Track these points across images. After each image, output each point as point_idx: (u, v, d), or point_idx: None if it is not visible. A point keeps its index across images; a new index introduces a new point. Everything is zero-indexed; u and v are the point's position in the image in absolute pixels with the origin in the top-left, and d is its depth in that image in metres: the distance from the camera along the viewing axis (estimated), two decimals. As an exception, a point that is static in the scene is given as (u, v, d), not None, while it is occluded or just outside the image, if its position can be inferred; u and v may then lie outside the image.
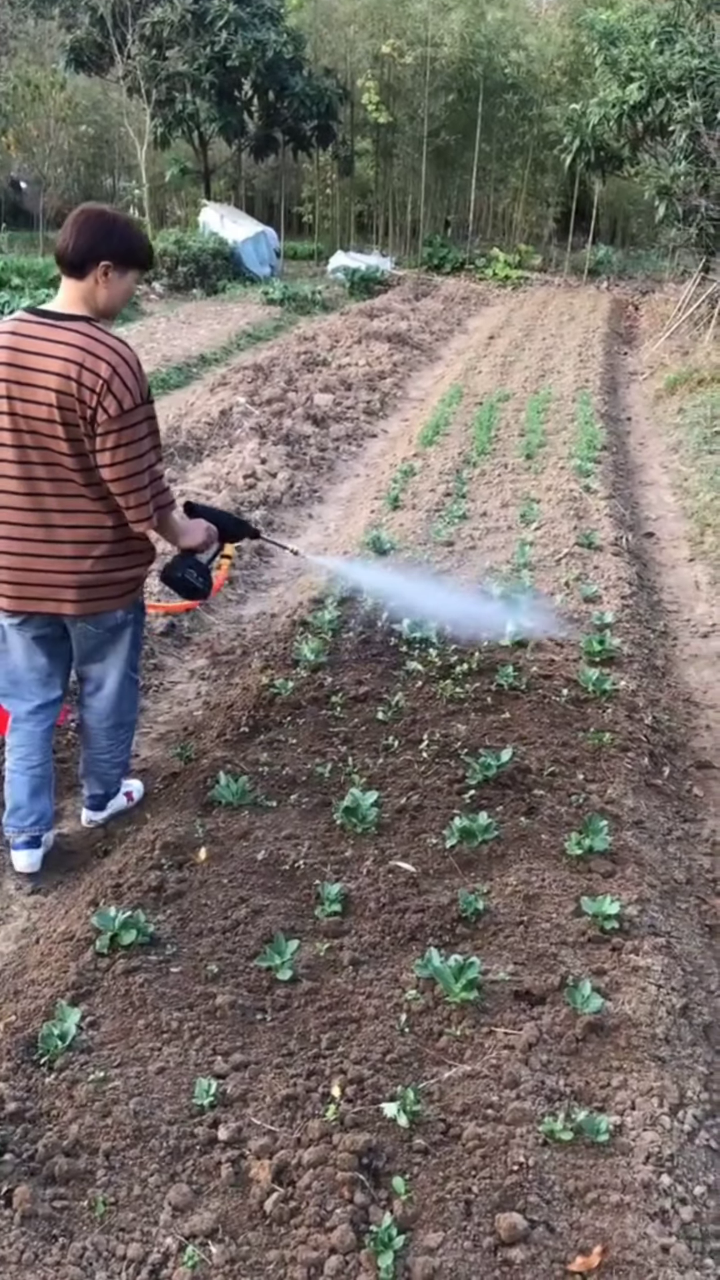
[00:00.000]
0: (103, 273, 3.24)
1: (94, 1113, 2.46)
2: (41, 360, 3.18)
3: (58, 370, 3.16)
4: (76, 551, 3.38)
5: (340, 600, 5.46)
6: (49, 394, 3.18)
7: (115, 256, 3.23)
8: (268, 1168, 2.34)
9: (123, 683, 3.71)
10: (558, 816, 3.69)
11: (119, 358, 3.20)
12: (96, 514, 3.37)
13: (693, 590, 6.43)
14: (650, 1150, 2.42)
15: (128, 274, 3.31)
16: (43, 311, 3.29)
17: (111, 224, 3.25)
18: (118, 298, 3.32)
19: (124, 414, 3.20)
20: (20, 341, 3.22)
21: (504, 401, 10.61)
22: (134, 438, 3.26)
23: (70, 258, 3.22)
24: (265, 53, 20.44)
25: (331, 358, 12.79)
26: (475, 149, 24.20)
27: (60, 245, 3.23)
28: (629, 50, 15.94)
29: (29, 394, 3.20)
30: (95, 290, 3.27)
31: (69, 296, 3.29)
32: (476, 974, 2.83)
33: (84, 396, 3.16)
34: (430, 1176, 2.34)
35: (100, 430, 3.20)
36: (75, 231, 3.21)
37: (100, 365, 3.16)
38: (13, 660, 3.58)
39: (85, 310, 3.28)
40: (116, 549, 3.44)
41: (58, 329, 3.22)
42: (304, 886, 3.32)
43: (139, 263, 3.34)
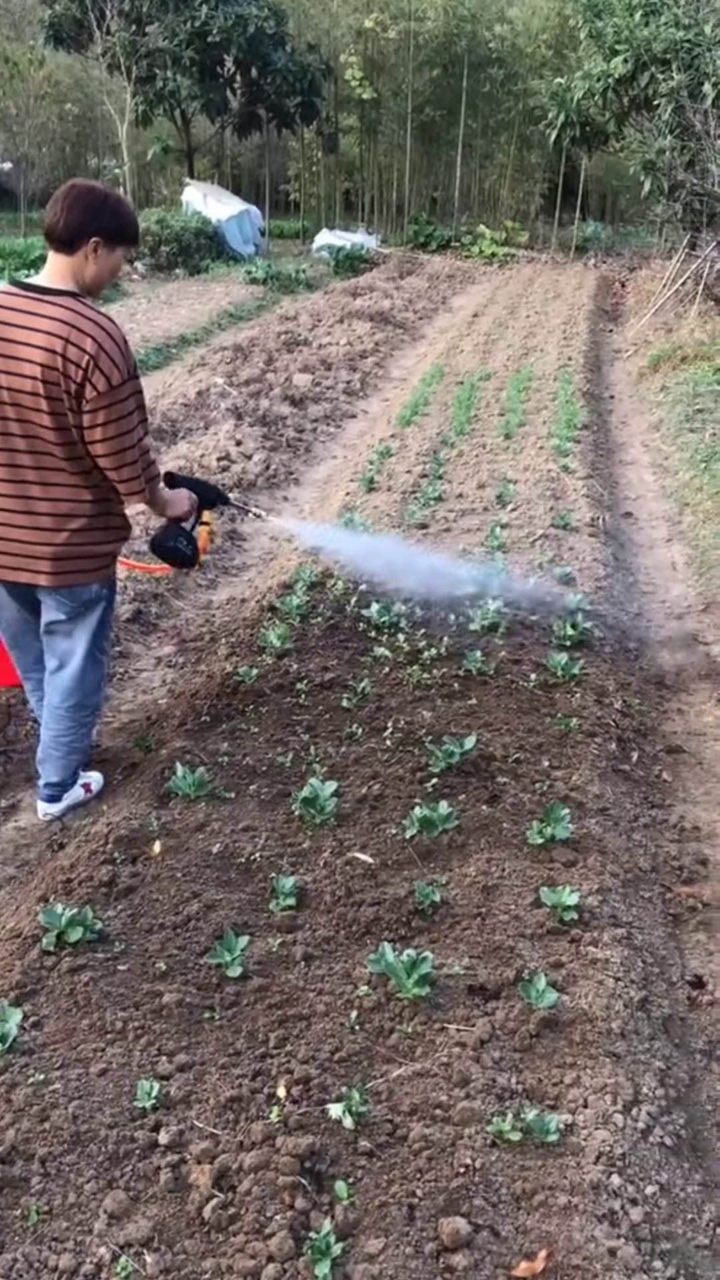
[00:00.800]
0: (93, 249, 3.26)
1: (31, 1117, 2.40)
2: (27, 334, 3.21)
3: (43, 344, 3.19)
4: (54, 524, 3.43)
5: (310, 585, 5.38)
6: (34, 367, 3.21)
7: (105, 233, 3.26)
8: (208, 1172, 2.28)
9: (86, 661, 3.67)
10: (520, 805, 3.63)
11: (105, 333, 3.22)
12: (75, 487, 3.41)
13: (669, 571, 6.36)
14: (601, 1150, 2.36)
15: (116, 250, 3.33)
16: (28, 285, 3.31)
17: (103, 200, 3.28)
18: (105, 273, 3.35)
19: (112, 389, 3.23)
20: (5, 314, 3.25)
21: (485, 380, 10.51)
22: (123, 413, 3.29)
23: (60, 233, 3.23)
24: (247, 28, 20.23)
25: (313, 337, 12.67)
26: (461, 125, 24.01)
27: (50, 220, 3.24)
28: (614, 23, 15.77)
29: (13, 366, 3.23)
30: (84, 266, 3.29)
31: (56, 271, 3.31)
32: (430, 969, 2.77)
33: (69, 371, 3.19)
34: (374, 1180, 2.28)
35: (89, 407, 3.24)
36: (66, 207, 3.23)
37: (86, 340, 3.19)
38: (6, 616, 3.72)
39: (72, 285, 3.31)
40: (94, 522, 3.49)
41: (44, 303, 3.24)
42: (259, 880, 3.26)
43: (128, 239, 3.37)
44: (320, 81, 22.46)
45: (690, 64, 13.92)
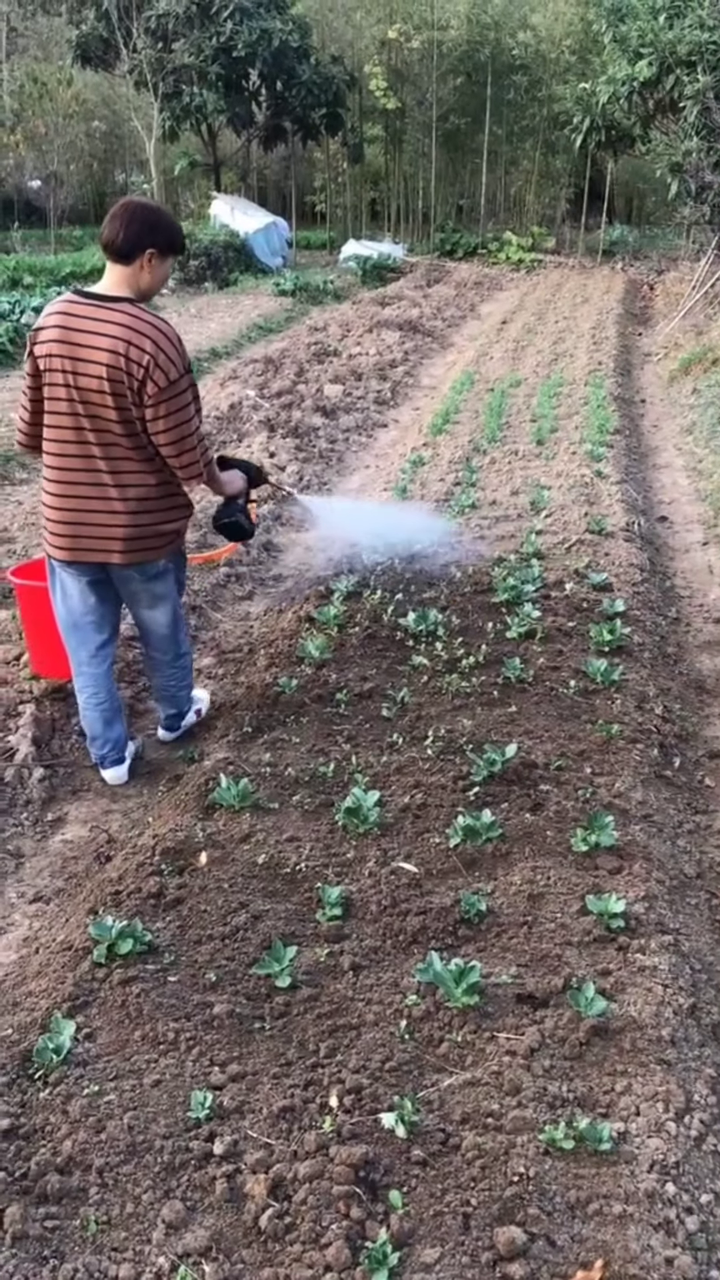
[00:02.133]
0: (148, 260, 3.65)
1: (88, 1128, 2.43)
2: (93, 338, 3.59)
3: (107, 347, 3.57)
4: (125, 507, 3.79)
5: (346, 595, 5.41)
6: (100, 368, 3.58)
7: (159, 245, 3.65)
8: (263, 1182, 2.29)
9: (172, 621, 4.16)
10: (564, 812, 3.63)
11: (162, 334, 3.61)
12: (142, 473, 3.79)
13: (706, 575, 6.33)
14: (655, 1158, 2.36)
15: (167, 260, 3.73)
16: (90, 294, 3.70)
17: (157, 216, 3.70)
18: (158, 282, 3.75)
19: (170, 384, 3.62)
20: (72, 321, 3.62)
21: (515, 387, 10.51)
22: (180, 405, 3.68)
23: (120, 246, 3.61)
24: (271, 42, 20.33)
25: (342, 348, 12.72)
26: (485, 132, 24.02)
27: (109, 235, 3.61)
28: (638, 26, 15.71)
29: (82, 368, 3.60)
30: (139, 275, 3.68)
31: (115, 280, 3.69)
32: (478, 978, 2.78)
33: (132, 370, 3.57)
34: (428, 1189, 2.29)
35: (150, 401, 3.61)
36: (125, 223, 3.60)
37: (145, 342, 3.56)
38: (71, 603, 4.01)
39: (129, 292, 3.69)
40: (160, 504, 3.87)
41: (105, 309, 3.62)
42: (305, 890, 3.27)
43: (177, 250, 3.76)
44: (344, 93, 22.54)
45: (716, 65, 13.86)
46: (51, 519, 3.85)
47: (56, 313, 3.67)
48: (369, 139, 26.06)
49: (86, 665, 4.08)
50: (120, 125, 25.82)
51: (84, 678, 4.09)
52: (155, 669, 4.32)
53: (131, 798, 4.17)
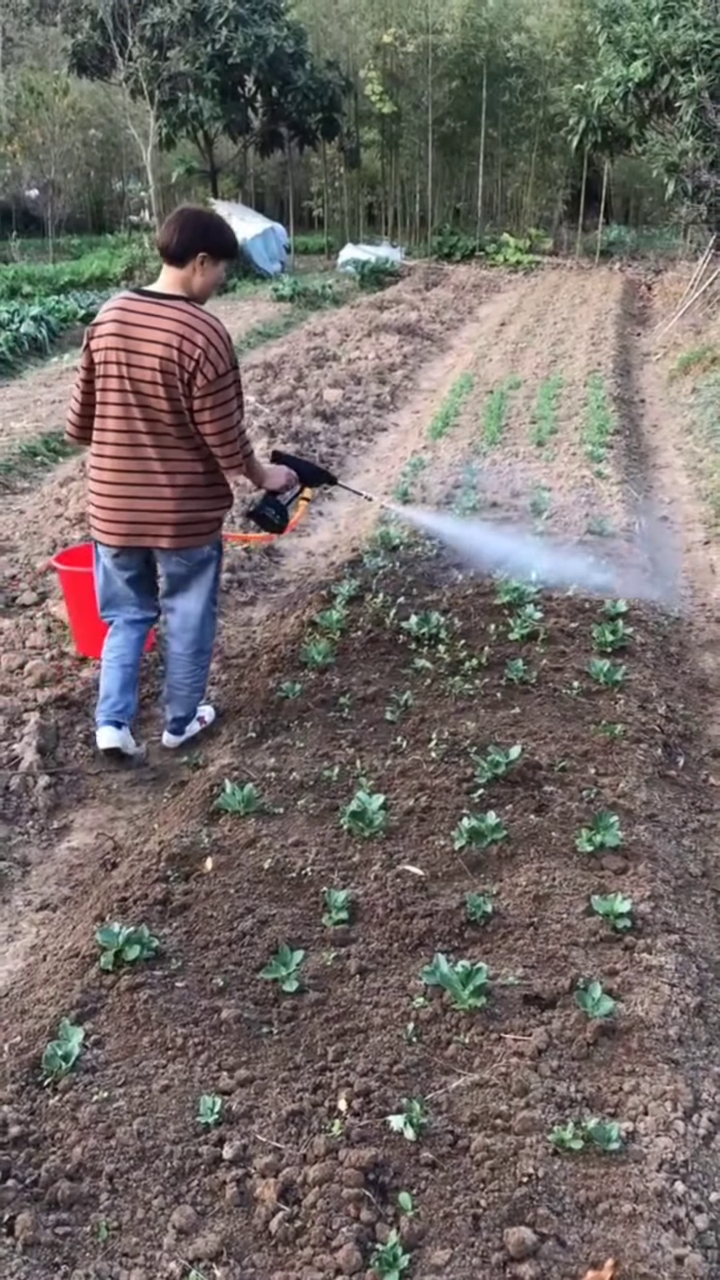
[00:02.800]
0: (200, 262, 3.93)
1: (98, 1134, 2.44)
2: (148, 332, 3.85)
3: (162, 340, 3.82)
4: (173, 494, 4.02)
5: (349, 599, 5.42)
6: (154, 360, 3.83)
7: (211, 249, 3.93)
8: (273, 1186, 2.30)
9: (204, 613, 4.30)
10: (569, 813, 3.63)
11: (213, 331, 3.88)
12: (189, 462, 4.02)
13: (708, 574, 6.34)
14: (664, 1157, 2.36)
15: (219, 264, 3.99)
16: (147, 292, 3.99)
17: (209, 222, 3.98)
18: (210, 283, 4.01)
19: (219, 378, 3.87)
20: (128, 316, 3.89)
21: (515, 389, 10.52)
22: (226, 398, 3.92)
23: (174, 250, 3.90)
24: (266, 48, 20.35)
25: (341, 352, 12.73)
26: (481, 135, 24.05)
27: (165, 239, 3.92)
28: (632, 27, 15.74)
29: (136, 360, 3.86)
30: (192, 277, 3.96)
31: (169, 281, 3.97)
32: (485, 979, 2.79)
33: (184, 363, 3.82)
34: (438, 1191, 2.30)
35: (198, 393, 3.85)
36: (179, 228, 3.90)
37: (197, 337, 3.82)
38: (113, 589, 4.27)
39: (183, 292, 3.96)
40: (205, 492, 4.10)
41: (161, 306, 3.89)
42: (311, 894, 3.28)
43: (228, 254, 4.03)
44: (340, 97, 22.57)
45: (711, 65, 13.88)
46: (101, 506, 4.07)
47: (114, 308, 3.94)
48: (365, 143, 26.09)
49: (122, 627, 4.30)
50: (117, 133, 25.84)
51: (117, 636, 4.28)
52: (174, 663, 4.37)
53: (137, 804, 4.18)
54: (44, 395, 10.60)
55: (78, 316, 14.33)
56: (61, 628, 5.33)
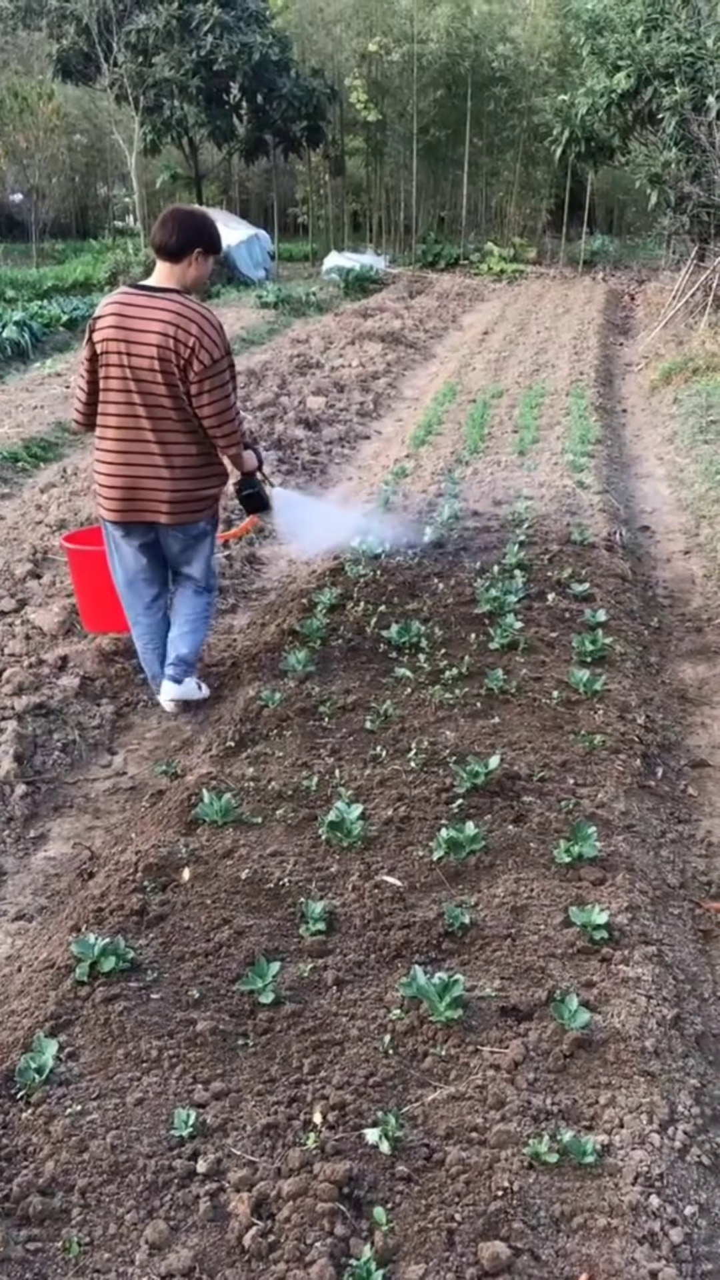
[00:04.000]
0: (195, 258, 4.26)
1: (70, 1148, 2.41)
2: (145, 324, 4.18)
3: (158, 330, 4.15)
4: (171, 474, 4.36)
5: (329, 608, 5.41)
6: (151, 349, 4.16)
7: (204, 245, 4.26)
8: (247, 1200, 2.28)
9: (205, 566, 4.70)
10: (547, 823, 3.63)
11: (206, 321, 4.22)
12: (186, 444, 4.36)
13: (688, 584, 6.36)
14: (639, 1170, 2.36)
15: (209, 259, 4.32)
16: (143, 286, 4.33)
17: (202, 221, 4.31)
18: (202, 276, 4.36)
19: (213, 363, 4.21)
20: (127, 309, 4.22)
21: (498, 398, 10.55)
22: (221, 382, 4.27)
23: (171, 247, 4.23)
24: (252, 55, 20.41)
25: (325, 359, 12.74)
26: (466, 144, 24.14)
27: (162, 238, 4.22)
28: (615, 39, 15.84)
29: (135, 349, 4.18)
30: (187, 271, 4.29)
31: (164, 275, 4.30)
32: (461, 991, 2.78)
33: (180, 351, 4.15)
34: (412, 1205, 2.29)
35: (195, 378, 4.19)
36: (175, 227, 4.22)
37: (192, 326, 4.16)
38: (126, 563, 4.60)
39: (177, 285, 4.29)
40: (200, 471, 4.45)
41: (157, 298, 4.22)
42: (288, 905, 3.27)
43: (218, 250, 4.38)
44: (325, 105, 22.63)
45: (693, 77, 13.98)
46: (106, 485, 4.41)
47: (113, 303, 4.27)
48: (350, 151, 26.17)
49: (143, 616, 4.70)
50: (102, 139, 25.87)
51: (140, 627, 4.72)
52: (183, 601, 4.73)
53: (114, 814, 4.16)
54: (26, 400, 10.56)
55: (61, 322, 14.30)
56: (40, 634, 5.31)
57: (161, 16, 20.28)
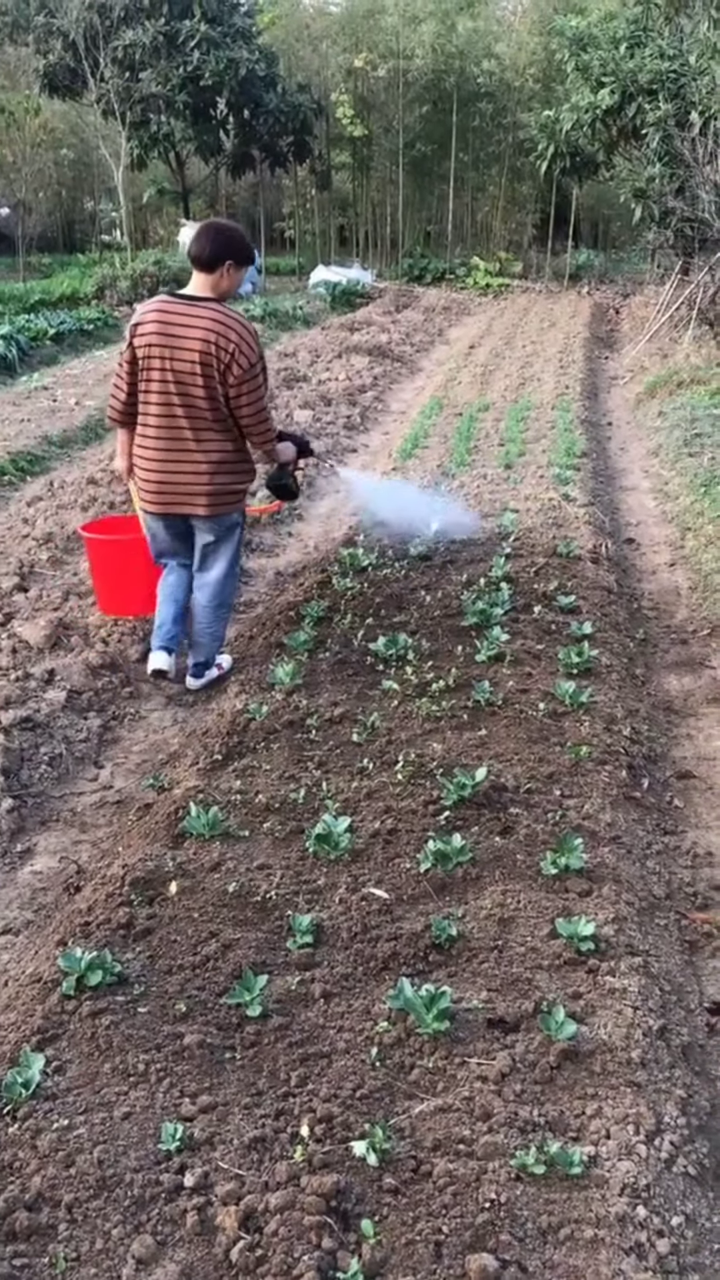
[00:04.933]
0: (227, 269, 4.61)
1: (57, 1163, 2.41)
2: (187, 330, 4.52)
3: (200, 337, 4.50)
4: (207, 469, 4.72)
5: (317, 620, 5.42)
6: (193, 354, 4.51)
7: (235, 258, 4.62)
8: (234, 1214, 2.28)
9: (228, 571, 5.02)
10: (534, 835, 3.64)
11: (243, 328, 4.58)
12: (221, 441, 4.71)
13: (674, 596, 6.39)
14: (626, 1181, 2.36)
15: (241, 270, 4.67)
16: (182, 295, 4.66)
17: (233, 234, 4.68)
18: (234, 286, 4.71)
19: (251, 367, 4.57)
20: (168, 316, 4.57)
21: (484, 411, 10.59)
22: (257, 384, 4.63)
23: (206, 259, 4.58)
24: (238, 71, 20.51)
25: (312, 373, 12.78)
26: (452, 159, 24.29)
27: (197, 250, 4.58)
28: (599, 55, 15.98)
29: (177, 354, 4.53)
30: (220, 281, 4.64)
31: (200, 285, 4.65)
32: (449, 1003, 2.78)
33: (220, 356, 4.50)
34: (400, 1217, 2.29)
35: (234, 381, 4.54)
36: (210, 241, 4.57)
37: (231, 334, 4.52)
38: (159, 544, 5.05)
39: (212, 294, 4.64)
40: (234, 467, 4.81)
41: (197, 307, 4.57)
42: (276, 918, 3.27)
43: (249, 261, 4.75)
44: (312, 120, 22.74)
45: (676, 93, 14.10)
46: (146, 480, 4.80)
47: (154, 310, 4.61)
48: (337, 166, 26.29)
49: (174, 569, 5.07)
50: (88, 153, 25.92)
51: (171, 576, 5.07)
52: (199, 613, 5.03)
53: (101, 827, 4.15)
54: (12, 414, 10.56)
55: (48, 335, 14.32)
56: (27, 648, 5.31)
57: (148, 32, 20.38)
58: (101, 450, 9.38)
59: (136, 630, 5.61)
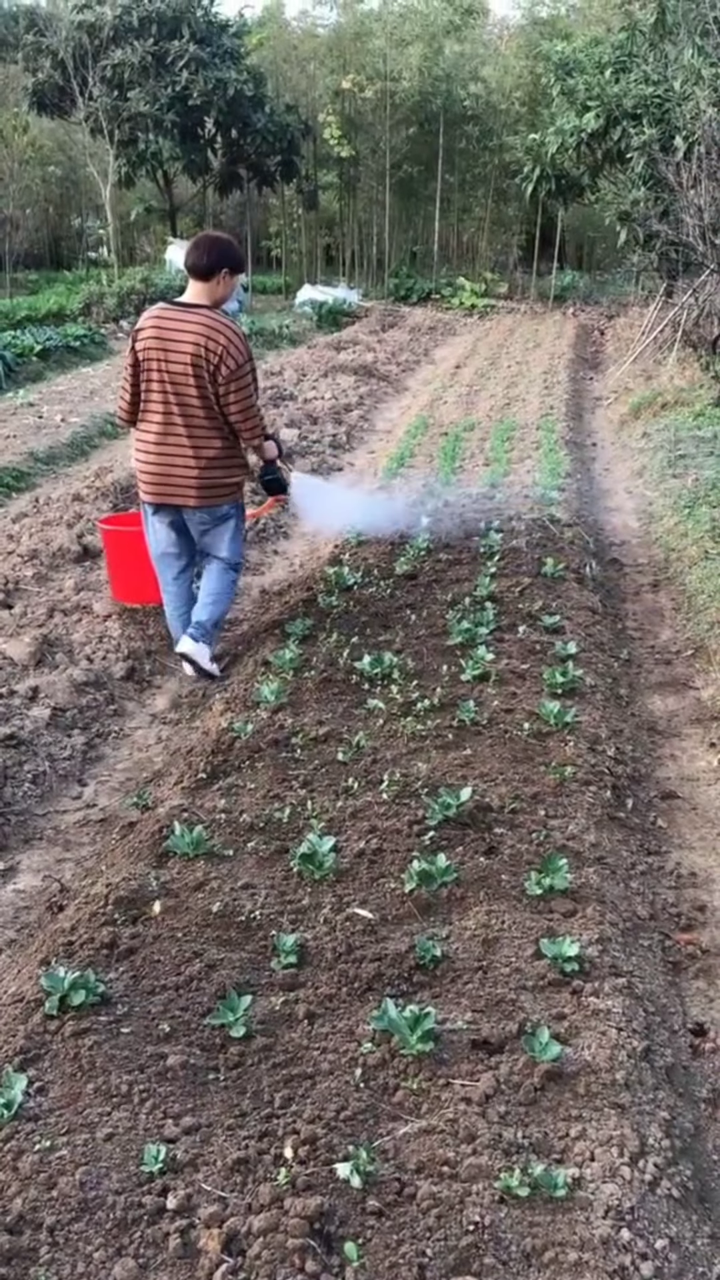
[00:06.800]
0: (223, 277, 4.99)
1: (39, 1185, 2.39)
2: (180, 335, 4.90)
3: (191, 341, 4.87)
4: (198, 463, 5.08)
5: (302, 638, 5.43)
6: (186, 356, 4.88)
7: (231, 266, 5.01)
8: (217, 1237, 2.27)
9: (230, 543, 5.39)
10: (518, 855, 3.65)
11: (231, 332, 4.95)
12: (212, 437, 5.07)
13: (657, 617, 6.42)
14: (610, 1203, 2.36)
15: (235, 277, 5.05)
16: (178, 303, 5.07)
17: (229, 244, 5.07)
18: (228, 293, 5.08)
19: (238, 368, 4.94)
20: (164, 323, 4.95)
21: (469, 431, 10.64)
22: (245, 384, 5.01)
23: (203, 268, 4.96)
24: (226, 91, 20.64)
25: (298, 392, 12.82)
26: (438, 180, 24.46)
27: (194, 260, 4.96)
28: (585, 80, 16.13)
29: (172, 357, 4.91)
30: (215, 289, 5.01)
31: (196, 292, 5.03)
32: (433, 1024, 2.78)
33: (209, 358, 4.87)
34: (384, 1240, 2.28)
35: (223, 381, 4.91)
36: (206, 250, 4.96)
37: (220, 337, 4.89)
38: (159, 538, 5.35)
39: (207, 301, 5.01)
40: (224, 462, 5.17)
41: (190, 313, 4.95)
42: (260, 938, 3.26)
43: (241, 270, 5.15)
44: (299, 141, 22.88)
45: (661, 118, 14.23)
46: (145, 472, 5.16)
47: (153, 317, 5.00)
48: (324, 186, 26.45)
49: (171, 585, 5.44)
50: (76, 171, 25.98)
51: (169, 594, 5.47)
52: (209, 576, 5.43)
53: (84, 846, 4.14)
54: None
55: (34, 352, 14.32)
56: (11, 664, 5.29)
57: (137, 52, 20.50)
58: (87, 467, 9.39)
59: (121, 648, 5.60)
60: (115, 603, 6.12)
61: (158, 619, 6.06)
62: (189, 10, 21.33)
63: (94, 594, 6.24)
